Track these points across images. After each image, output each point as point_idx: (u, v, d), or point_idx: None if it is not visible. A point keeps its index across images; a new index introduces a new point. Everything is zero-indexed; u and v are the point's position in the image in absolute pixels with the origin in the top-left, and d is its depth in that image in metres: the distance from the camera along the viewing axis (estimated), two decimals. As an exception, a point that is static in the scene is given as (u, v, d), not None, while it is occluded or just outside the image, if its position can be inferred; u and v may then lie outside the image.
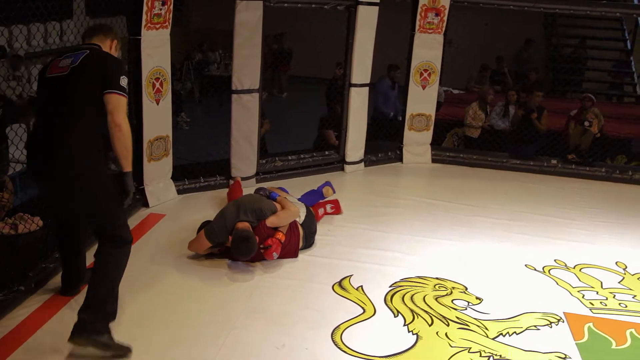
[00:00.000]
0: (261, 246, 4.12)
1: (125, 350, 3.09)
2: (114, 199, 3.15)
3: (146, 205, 5.10)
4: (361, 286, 4.03)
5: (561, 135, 7.34)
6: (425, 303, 3.86)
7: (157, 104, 5.00)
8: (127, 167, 3.10)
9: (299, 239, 4.38)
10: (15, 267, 3.59)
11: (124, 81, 3.08)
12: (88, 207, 3.14)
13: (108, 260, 3.13)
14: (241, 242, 4.01)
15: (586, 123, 6.92)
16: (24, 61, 8.45)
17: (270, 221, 4.19)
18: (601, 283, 4.33)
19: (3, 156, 5.07)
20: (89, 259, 3.84)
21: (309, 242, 4.50)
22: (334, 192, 5.33)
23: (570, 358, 3.41)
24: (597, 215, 5.64)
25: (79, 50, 3.20)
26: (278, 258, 4.24)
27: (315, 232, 4.60)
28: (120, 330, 3.18)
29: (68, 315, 3.41)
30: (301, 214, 4.52)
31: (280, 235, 4.19)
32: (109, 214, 3.15)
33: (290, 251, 4.30)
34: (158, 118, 5.03)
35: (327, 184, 5.37)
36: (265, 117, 6.69)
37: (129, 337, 3.26)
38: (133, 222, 4.79)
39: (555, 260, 4.64)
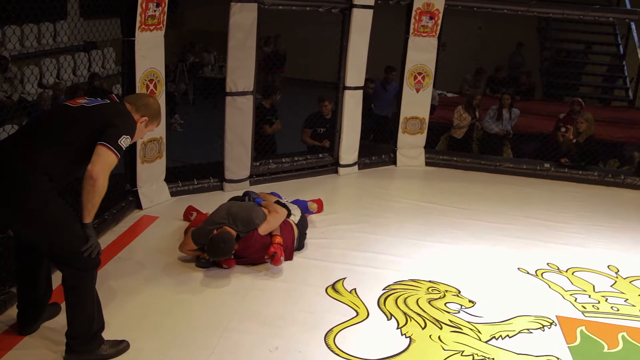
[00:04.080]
0: (266, 257, 4.12)
1: (124, 346, 3.17)
2: (67, 232, 2.89)
3: (139, 207, 5.08)
4: (354, 289, 4.03)
5: (553, 139, 7.39)
6: (419, 306, 3.86)
7: (151, 105, 4.98)
8: (87, 219, 2.87)
9: (294, 240, 4.38)
10: (7, 269, 3.56)
11: (123, 141, 2.91)
12: (37, 236, 2.92)
13: (77, 294, 2.96)
14: (220, 241, 3.94)
15: (562, 129, 7.00)
16: (11, 62, 8.38)
17: (263, 229, 4.18)
18: (593, 286, 4.35)
19: None
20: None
21: (301, 243, 4.50)
22: (320, 209, 5.25)
23: (562, 361, 3.43)
24: (589, 218, 5.66)
25: (102, 98, 3.10)
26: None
27: (306, 233, 4.61)
28: (111, 335, 3.16)
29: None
30: (296, 214, 4.53)
31: (278, 239, 4.19)
32: (58, 246, 2.91)
33: (286, 252, 4.29)
34: (152, 120, 5.01)
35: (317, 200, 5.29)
36: (277, 117, 6.69)
37: (121, 339, 3.25)
38: (126, 224, 4.79)
39: (547, 263, 4.65)
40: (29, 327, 3.26)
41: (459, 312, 3.85)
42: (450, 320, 3.73)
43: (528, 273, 4.48)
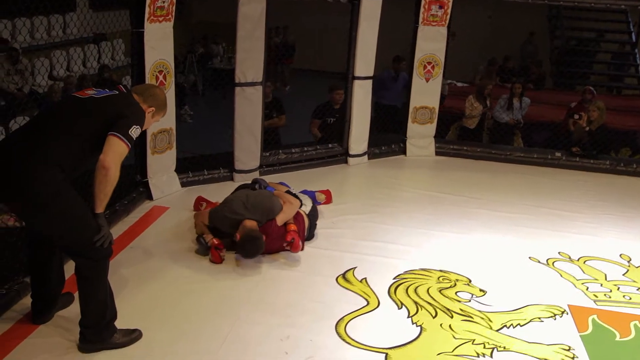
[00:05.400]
0: (285, 244, 4.14)
1: (137, 335, 3.20)
2: (79, 222, 2.90)
3: (150, 198, 5.11)
4: (365, 278, 4.03)
5: (564, 128, 7.34)
6: (429, 295, 3.86)
7: (161, 96, 4.98)
8: (99, 209, 2.90)
9: (305, 230, 4.39)
10: (20, 260, 3.59)
11: (134, 131, 2.95)
12: (49, 227, 2.93)
13: (89, 284, 2.99)
14: (251, 242, 3.96)
15: (576, 116, 6.97)
16: (22, 54, 8.42)
17: (280, 219, 4.19)
18: (605, 275, 4.33)
19: None
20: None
21: (311, 233, 4.51)
22: (329, 201, 5.27)
23: (574, 350, 3.42)
24: (601, 207, 5.63)
25: (110, 89, 3.15)
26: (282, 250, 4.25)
27: (316, 224, 4.61)
28: (123, 324, 3.19)
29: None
30: (307, 204, 4.55)
31: (293, 227, 4.21)
32: (70, 236, 2.92)
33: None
34: (161, 111, 5.02)
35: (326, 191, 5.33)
36: (283, 112, 6.68)
37: (133, 329, 3.27)
38: (137, 214, 4.82)
39: (559, 252, 4.63)
40: (43, 317, 3.28)
41: (469, 301, 3.84)
42: (461, 309, 3.73)
43: (539, 262, 4.47)
